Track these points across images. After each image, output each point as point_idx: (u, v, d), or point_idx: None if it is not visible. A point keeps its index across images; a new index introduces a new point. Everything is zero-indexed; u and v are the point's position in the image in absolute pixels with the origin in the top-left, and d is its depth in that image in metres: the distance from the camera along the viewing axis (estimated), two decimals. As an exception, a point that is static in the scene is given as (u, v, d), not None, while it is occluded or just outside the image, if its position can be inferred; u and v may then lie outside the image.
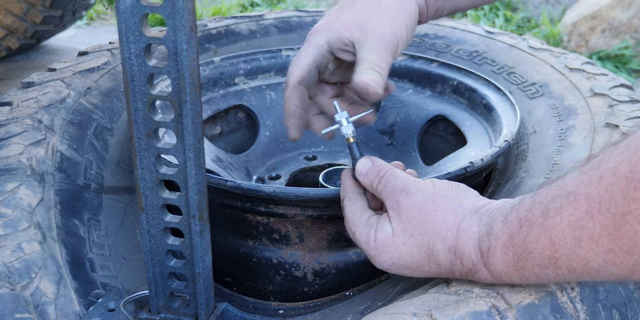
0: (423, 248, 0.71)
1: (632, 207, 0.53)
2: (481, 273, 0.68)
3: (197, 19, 0.64)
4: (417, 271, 0.73)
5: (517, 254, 0.64)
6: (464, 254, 0.68)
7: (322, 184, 1.07)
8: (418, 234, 0.71)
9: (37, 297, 0.76)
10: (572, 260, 0.59)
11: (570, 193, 0.59)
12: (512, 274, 0.66)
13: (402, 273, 0.75)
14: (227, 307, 0.84)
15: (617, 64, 2.78)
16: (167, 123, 0.67)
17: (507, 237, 0.64)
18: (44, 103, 1.04)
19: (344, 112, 0.88)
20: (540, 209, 0.62)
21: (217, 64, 1.29)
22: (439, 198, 0.72)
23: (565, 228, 0.59)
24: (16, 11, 2.54)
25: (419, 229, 0.71)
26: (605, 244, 0.56)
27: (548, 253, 0.61)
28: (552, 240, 0.60)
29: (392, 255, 0.73)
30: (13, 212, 0.84)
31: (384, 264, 0.74)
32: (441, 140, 1.31)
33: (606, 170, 0.56)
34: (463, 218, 0.70)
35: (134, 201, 1.02)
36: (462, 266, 0.69)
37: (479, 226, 0.68)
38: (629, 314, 0.75)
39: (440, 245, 0.70)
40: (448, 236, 0.69)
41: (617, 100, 1.08)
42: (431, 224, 0.70)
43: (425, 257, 0.71)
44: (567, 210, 0.59)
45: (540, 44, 1.34)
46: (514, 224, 0.64)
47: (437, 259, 0.70)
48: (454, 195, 0.73)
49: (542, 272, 0.63)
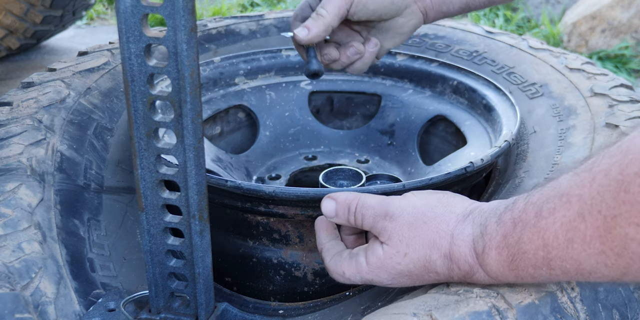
0: (419, 262, 0.70)
1: (623, 210, 0.53)
2: (478, 275, 0.68)
3: (197, 19, 0.64)
4: (418, 281, 0.73)
5: (512, 255, 0.64)
6: (459, 258, 0.68)
7: (322, 184, 1.07)
8: (413, 252, 0.70)
9: (37, 297, 0.76)
10: (565, 262, 0.59)
11: (564, 194, 0.59)
12: (507, 274, 0.66)
13: (403, 285, 0.74)
14: (227, 307, 0.84)
15: (617, 64, 2.78)
16: (167, 123, 0.67)
17: (501, 237, 0.64)
18: (44, 103, 1.04)
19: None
20: (533, 210, 0.62)
21: (217, 64, 1.29)
22: (428, 210, 0.71)
23: (558, 229, 0.59)
24: (16, 11, 2.54)
25: (412, 246, 0.70)
26: (597, 245, 0.56)
27: (541, 254, 0.61)
28: (545, 242, 0.60)
29: (389, 273, 0.72)
30: (13, 212, 0.84)
31: (385, 282, 0.74)
32: (441, 140, 1.31)
33: (598, 172, 0.56)
34: (456, 224, 0.69)
35: (134, 201, 1.02)
36: (459, 270, 0.69)
37: (473, 228, 0.68)
38: (629, 314, 0.75)
39: (436, 254, 0.69)
40: (443, 244, 0.69)
41: (617, 100, 1.08)
42: (424, 237, 0.70)
43: (423, 269, 0.71)
44: (560, 212, 0.59)
45: (540, 44, 1.34)
46: (508, 224, 0.64)
47: (435, 268, 0.70)
48: (442, 203, 0.72)
49: (536, 273, 0.63)
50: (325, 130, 1.35)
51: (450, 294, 0.70)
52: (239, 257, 1.01)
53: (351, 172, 1.10)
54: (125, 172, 1.06)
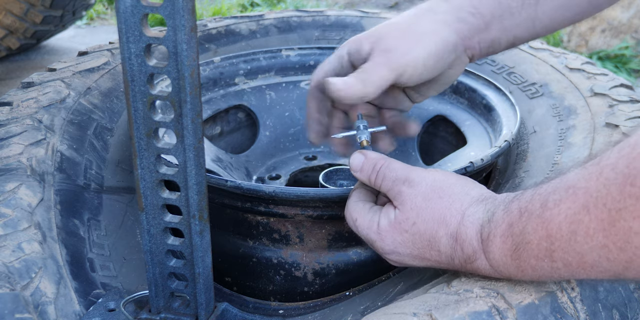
0: (425, 235, 0.71)
1: (628, 203, 0.53)
2: (480, 261, 0.68)
3: (197, 19, 0.64)
4: (417, 259, 0.73)
5: (515, 244, 0.64)
6: (465, 239, 0.68)
7: (322, 184, 1.07)
8: (421, 222, 0.71)
9: (37, 297, 0.76)
10: (567, 254, 0.60)
11: (570, 187, 0.59)
12: (509, 264, 0.66)
13: (401, 260, 0.75)
14: (227, 307, 0.84)
15: (617, 64, 2.78)
16: (167, 123, 0.67)
17: (506, 225, 0.65)
18: (44, 103, 1.04)
19: (364, 121, 0.88)
20: (539, 201, 0.62)
21: (217, 64, 1.29)
22: (446, 186, 0.72)
23: (562, 221, 0.59)
24: (16, 11, 2.54)
25: (422, 217, 0.71)
26: (600, 239, 0.56)
27: (544, 245, 0.61)
28: (549, 233, 0.60)
29: (394, 240, 0.73)
30: (13, 212, 0.84)
31: (385, 249, 0.74)
32: (441, 140, 1.31)
33: (605, 166, 0.56)
34: (469, 205, 0.70)
35: (134, 201, 1.02)
36: (462, 253, 0.69)
37: (483, 213, 0.68)
38: (629, 314, 0.75)
39: (443, 231, 0.70)
40: (452, 222, 0.70)
41: (617, 100, 1.08)
42: (435, 210, 0.71)
43: (427, 244, 0.71)
44: (565, 204, 0.59)
45: (540, 43, 1.34)
46: (514, 213, 0.64)
47: (439, 246, 0.70)
48: (461, 183, 0.73)
49: (538, 265, 0.63)
50: (325, 130, 1.35)
51: (450, 294, 0.70)
52: (239, 257, 1.01)
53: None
54: (125, 172, 1.06)
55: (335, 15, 1.47)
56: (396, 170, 0.76)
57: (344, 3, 3.80)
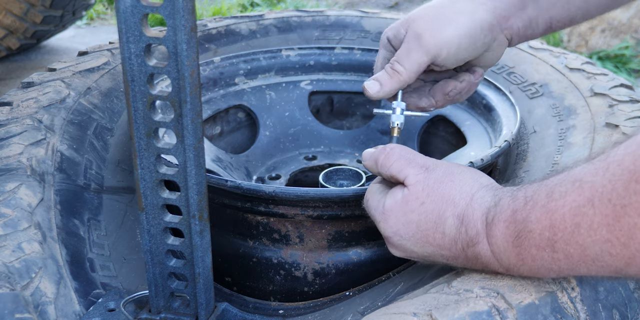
0: (432, 215, 0.72)
1: (633, 200, 0.54)
2: (481, 245, 0.68)
3: (197, 19, 0.64)
4: (419, 243, 0.74)
5: (518, 230, 0.64)
6: (470, 221, 0.69)
7: (322, 184, 1.07)
8: (430, 202, 0.72)
9: (37, 297, 0.76)
10: (569, 246, 0.60)
11: (577, 180, 0.60)
12: (509, 251, 0.66)
13: (402, 244, 0.75)
14: (227, 307, 0.84)
15: (617, 64, 2.78)
16: (167, 123, 0.67)
17: (511, 211, 0.65)
18: (44, 103, 1.04)
19: (402, 103, 0.91)
20: (545, 191, 0.63)
21: (217, 64, 1.29)
22: (458, 172, 0.74)
23: (567, 213, 0.60)
24: (16, 11, 2.54)
25: (432, 197, 0.72)
26: (604, 233, 0.57)
27: (547, 235, 0.62)
28: (553, 223, 0.61)
29: (397, 220, 0.74)
30: (13, 212, 0.84)
31: (388, 230, 0.75)
32: (441, 140, 1.31)
33: (612, 162, 0.57)
34: (479, 189, 0.72)
35: (134, 201, 1.02)
36: (466, 235, 0.70)
37: (491, 198, 0.70)
38: (629, 314, 0.75)
39: (450, 211, 0.71)
40: (460, 203, 0.71)
41: (617, 100, 1.08)
42: (446, 191, 0.72)
43: (432, 225, 0.72)
44: (570, 196, 0.60)
45: (540, 44, 1.34)
46: (520, 200, 0.65)
47: (444, 227, 0.71)
48: (472, 173, 0.75)
49: (539, 254, 0.63)
50: (325, 130, 1.35)
51: (450, 294, 0.70)
52: (239, 257, 1.01)
53: (351, 172, 1.10)
54: (125, 172, 1.06)
55: (335, 15, 1.47)
56: (412, 152, 0.78)
57: (344, 3, 3.81)
